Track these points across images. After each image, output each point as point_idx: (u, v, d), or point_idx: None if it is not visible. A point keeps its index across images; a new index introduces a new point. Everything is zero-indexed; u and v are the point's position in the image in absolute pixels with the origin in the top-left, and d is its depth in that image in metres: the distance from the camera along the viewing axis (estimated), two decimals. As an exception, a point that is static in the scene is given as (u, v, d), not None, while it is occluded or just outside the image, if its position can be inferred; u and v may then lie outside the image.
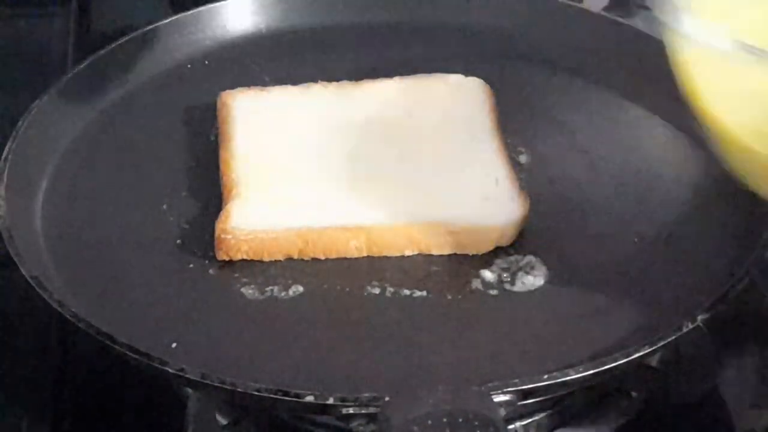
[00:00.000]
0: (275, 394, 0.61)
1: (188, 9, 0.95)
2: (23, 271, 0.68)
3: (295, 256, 0.75)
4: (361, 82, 0.88)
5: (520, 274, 0.73)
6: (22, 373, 0.79)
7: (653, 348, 0.64)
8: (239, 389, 0.61)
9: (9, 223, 0.72)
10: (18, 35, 1.16)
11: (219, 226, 0.74)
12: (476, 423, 0.55)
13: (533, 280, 0.73)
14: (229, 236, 0.73)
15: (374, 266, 0.74)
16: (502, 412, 0.61)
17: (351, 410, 0.61)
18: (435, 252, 0.75)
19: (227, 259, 0.74)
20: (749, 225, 0.75)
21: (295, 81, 0.89)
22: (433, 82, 0.89)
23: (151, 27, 0.93)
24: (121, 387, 0.77)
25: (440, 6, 1.00)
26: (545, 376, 0.62)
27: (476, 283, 0.73)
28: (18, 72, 1.08)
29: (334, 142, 0.82)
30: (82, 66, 0.88)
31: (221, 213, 0.75)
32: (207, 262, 0.74)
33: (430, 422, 0.55)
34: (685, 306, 0.69)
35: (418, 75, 0.89)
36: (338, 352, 0.68)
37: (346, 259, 0.75)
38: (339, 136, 0.82)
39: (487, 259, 0.75)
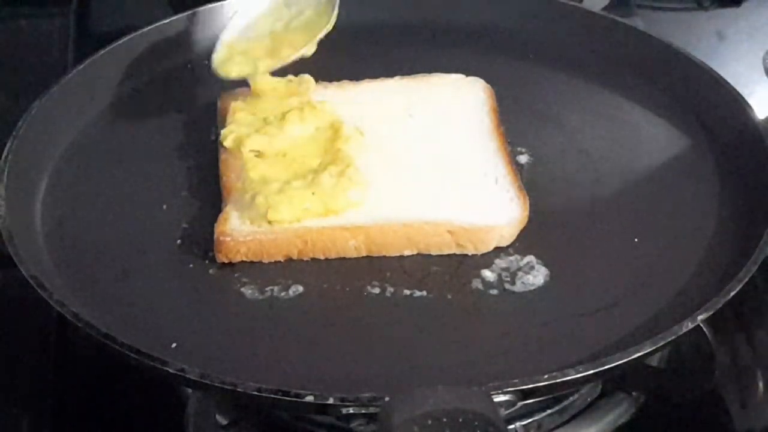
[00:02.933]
0: (275, 394, 0.61)
1: (188, 9, 0.95)
2: (23, 271, 0.68)
3: (295, 257, 0.75)
4: (361, 81, 0.88)
5: (520, 274, 0.73)
6: (22, 373, 0.79)
7: (653, 348, 0.64)
8: (239, 389, 0.61)
9: (9, 223, 0.72)
10: (18, 35, 1.17)
11: (218, 228, 0.74)
12: (476, 423, 0.55)
13: (533, 279, 0.73)
14: (228, 238, 0.73)
15: (374, 266, 0.74)
16: (503, 411, 0.61)
17: (351, 410, 0.61)
18: (435, 252, 0.75)
19: (227, 261, 0.74)
20: (749, 225, 0.75)
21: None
22: (433, 82, 0.89)
23: (152, 28, 0.93)
24: (121, 387, 0.77)
25: (441, 6, 1.00)
26: (545, 376, 0.62)
27: (476, 283, 0.73)
28: (18, 72, 1.08)
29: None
30: (82, 66, 0.88)
31: (220, 215, 0.75)
32: (207, 262, 0.74)
33: (430, 422, 0.55)
34: (685, 306, 0.69)
35: (418, 75, 0.89)
36: (338, 352, 0.68)
37: (346, 259, 0.75)
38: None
39: (487, 259, 0.75)
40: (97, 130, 0.87)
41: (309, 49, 0.82)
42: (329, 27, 0.81)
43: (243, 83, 0.87)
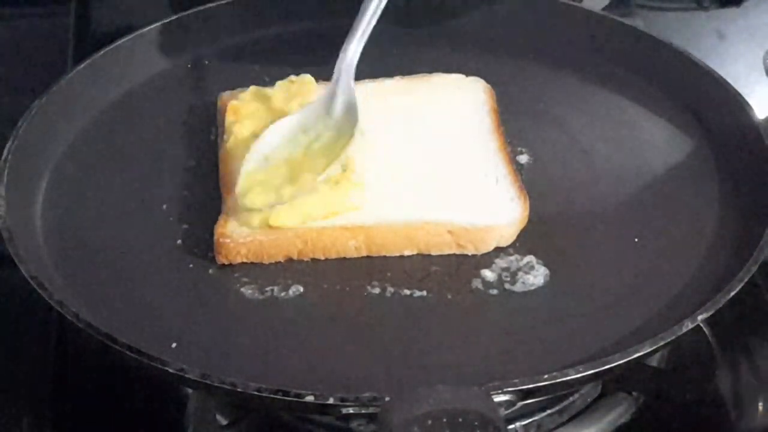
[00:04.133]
0: (275, 394, 0.61)
1: (188, 9, 0.95)
2: (23, 271, 0.68)
3: (295, 257, 0.75)
4: (361, 81, 0.88)
5: (520, 273, 0.73)
6: (22, 373, 0.79)
7: (653, 348, 0.64)
8: (239, 389, 0.61)
9: (9, 223, 0.72)
10: (18, 35, 1.17)
11: (218, 230, 0.74)
12: (476, 423, 0.55)
13: (533, 279, 0.73)
14: (228, 240, 0.73)
15: (374, 266, 0.74)
16: (503, 411, 0.61)
17: (351, 410, 0.61)
18: (435, 252, 0.75)
19: (227, 262, 0.74)
20: (749, 225, 0.75)
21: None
22: (433, 82, 0.89)
23: (151, 28, 0.93)
24: (121, 387, 0.77)
25: (440, 6, 1.00)
26: (545, 376, 0.62)
27: (476, 283, 0.73)
28: (18, 72, 1.08)
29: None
30: (82, 66, 0.88)
31: (220, 217, 0.75)
32: (207, 262, 0.74)
33: (430, 422, 0.55)
34: (685, 306, 0.69)
35: (418, 75, 0.89)
36: (338, 352, 0.68)
37: (346, 259, 0.75)
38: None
39: (487, 259, 0.75)
40: (97, 130, 0.87)
41: (332, 170, 0.78)
42: (350, 145, 0.79)
43: (243, 83, 0.88)
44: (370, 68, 0.90)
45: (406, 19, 0.98)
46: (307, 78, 0.86)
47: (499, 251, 0.75)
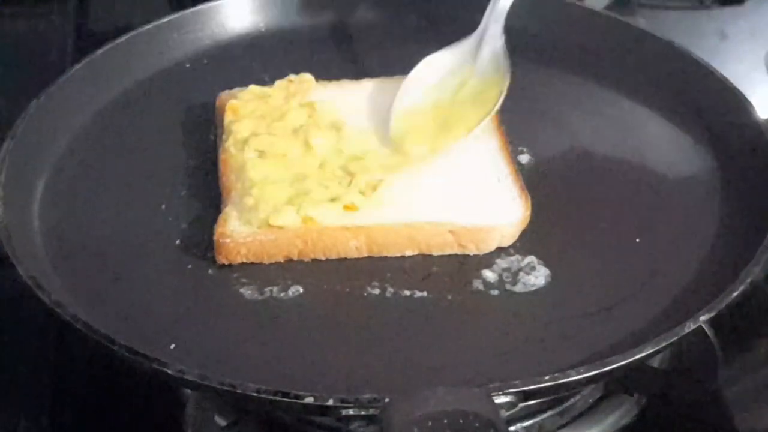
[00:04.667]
0: (275, 395, 0.61)
1: (188, 8, 0.95)
2: (21, 271, 0.68)
3: (295, 257, 0.74)
4: (361, 81, 0.88)
5: (521, 274, 0.73)
6: (21, 374, 0.79)
7: (655, 349, 0.64)
8: (239, 390, 0.61)
9: (7, 223, 0.72)
10: (18, 35, 1.16)
11: (218, 230, 0.74)
12: (477, 424, 0.55)
13: (534, 280, 0.73)
14: (228, 240, 0.73)
15: (374, 266, 0.74)
16: (504, 413, 0.60)
17: (351, 411, 0.61)
18: (435, 252, 0.75)
19: (227, 262, 0.74)
20: (752, 225, 0.75)
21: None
22: (434, 82, 0.88)
23: (150, 27, 0.93)
24: (121, 387, 0.77)
25: (440, 6, 0.99)
26: (546, 378, 0.62)
27: (477, 284, 0.73)
28: (18, 72, 1.08)
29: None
30: (81, 66, 0.88)
31: (220, 217, 0.75)
32: (206, 262, 0.74)
33: (430, 423, 0.55)
34: (687, 307, 0.69)
35: (419, 75, 0.89)
36: (338, 352, 0.68)
37: (346, 259, 0.75)
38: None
39: (488, 259, 0.74)
40: (96, 130, 0.86)
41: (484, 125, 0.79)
42: (500, 101, 0.79)
43: (242, 83, 0.87)
44: (370, 68, 0.90)
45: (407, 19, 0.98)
46: (307, 77, 0.86)
47: (500, 251, 0.75)
